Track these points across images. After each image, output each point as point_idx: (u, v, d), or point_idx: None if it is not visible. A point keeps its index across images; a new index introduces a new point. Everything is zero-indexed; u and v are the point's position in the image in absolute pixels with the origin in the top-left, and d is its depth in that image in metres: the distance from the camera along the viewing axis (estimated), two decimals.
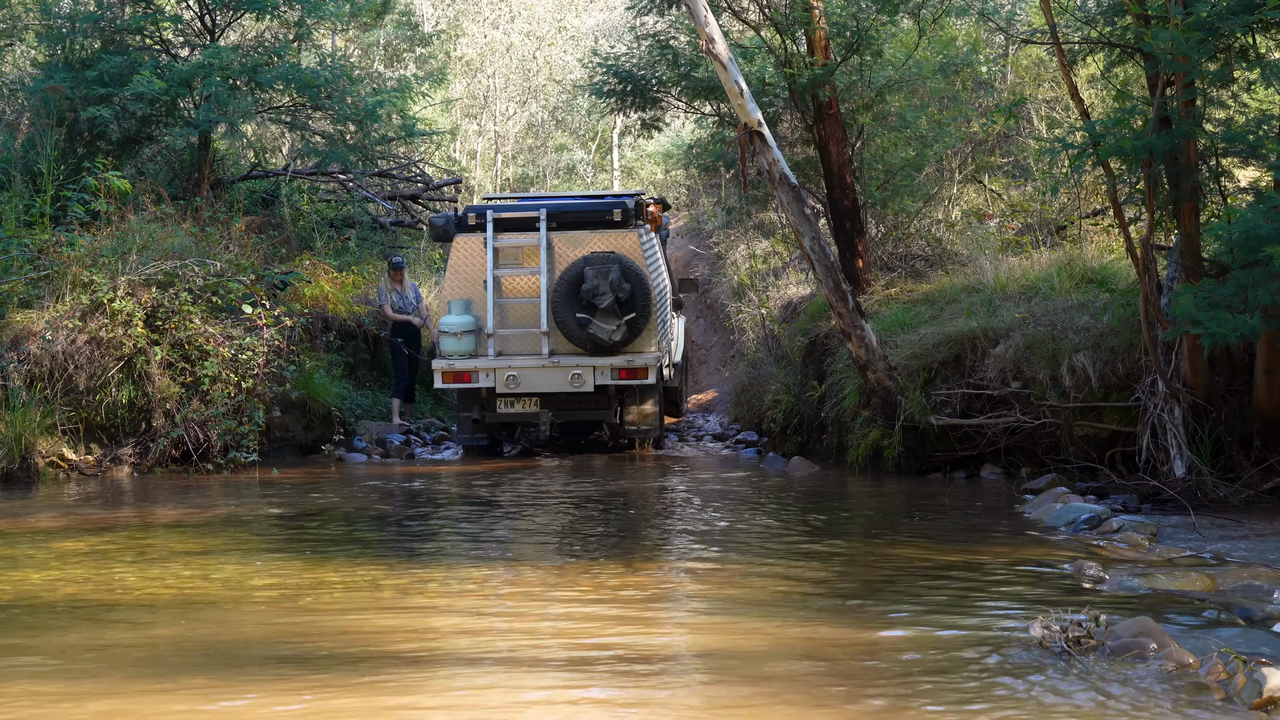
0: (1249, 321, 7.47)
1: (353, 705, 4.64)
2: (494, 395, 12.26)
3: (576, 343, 12.13)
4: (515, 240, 12.42)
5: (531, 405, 12.28)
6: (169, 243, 11.99)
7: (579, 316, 11.99)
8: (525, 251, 12.40)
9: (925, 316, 11.42)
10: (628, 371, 12.20)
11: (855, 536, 8.23)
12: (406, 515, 9.37)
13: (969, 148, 16.01)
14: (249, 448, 11.41)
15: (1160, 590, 6.24)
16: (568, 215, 12.50)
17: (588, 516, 9.02)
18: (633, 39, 15.05)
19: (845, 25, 13.07)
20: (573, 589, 6.50)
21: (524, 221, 12.44)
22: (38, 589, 6.48)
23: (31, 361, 10.94)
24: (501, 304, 12.37)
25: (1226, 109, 9.40)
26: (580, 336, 12.04)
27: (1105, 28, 10.12)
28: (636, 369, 12.21)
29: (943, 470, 10.44)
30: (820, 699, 4.65)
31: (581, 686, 4.87)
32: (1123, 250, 10.51)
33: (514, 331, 12.37)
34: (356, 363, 14.36)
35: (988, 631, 5.51)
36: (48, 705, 4.64)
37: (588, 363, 12.12)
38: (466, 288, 12.46)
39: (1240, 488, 8.59)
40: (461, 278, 12.50)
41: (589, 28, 32.39)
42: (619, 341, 12.08)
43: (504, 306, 12.40)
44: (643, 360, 12.22)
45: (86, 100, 13.91)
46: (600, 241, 12.35)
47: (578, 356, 12.17)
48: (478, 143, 29.35)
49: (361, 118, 15.57)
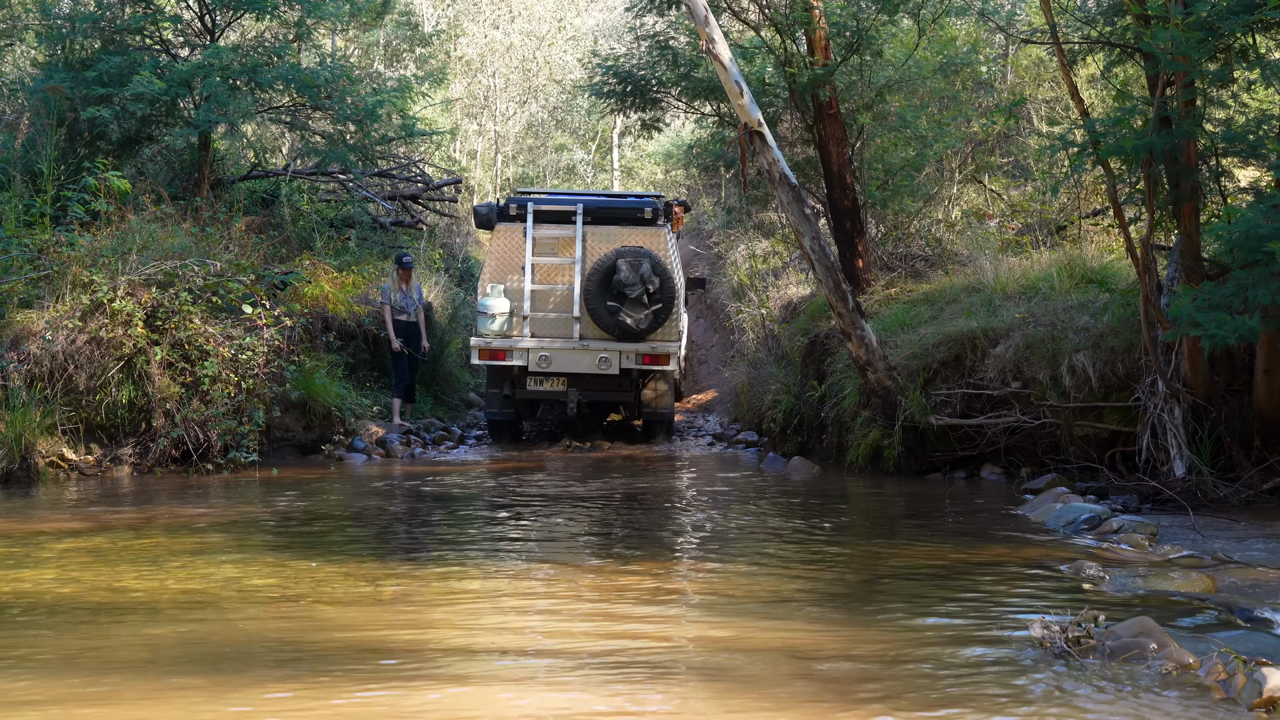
0: (1248, 322, 7.47)
1: (353, 705, 4.64)
2: (525, 373, 13.32)
3: (605, 329, 13.16)
4: (552, 231, 13.44)
5: (559, 384, 13.36)
6: (169, 243, 11.98)
7: (610, 305, 13.04)
8: (561, 242, 13.43)
9: (925, 316, 11.43)
10: (651, 357, 13.30)
11: (855, 537, 8.23)
12: (407, 516, 9.37)
13: (969, 148, 16.02)
14: (249, 448, 11.41)
15: (1160, 591, 6.23)
16: (602, 211, 13.53)
17: (586, 517, 9.02)
18: (633, 39, 15.06)
19: (845, 25, 13.07)
20: (572, 589, 6.50)
21: (562, 214, 13.47)
22: (37, 589, 6.47)
23: (31, 361, 10.94)
24: (537, 290, 13.36)
25: (1226, 109, 9.41)
26: (610, 323, 13.09)
27: (1105, 28, 10.12)
28: (659, 355, 13.30)
29: (943, 470, 10.44)
30: (818, 700, 4.65)
31: (580, 688, 4.87)
32: (1123, 250, 10.52)
33: (547, 315, 13.41)
34: (356, 363, 14.35)
35: (987, 632, 5.51)
36: (48, 705, 4.63)
37: (615, 347, 13.22)
38: (505, 272, 13.48)
39: (1240, 488, 8.59)
40: (501, 263, 13.52)
41: (589, 28, 32.38)
42: (645, 330, 13.14)
43: (539, 292, 13.39)
44: (665, 348, 13.28)
45: (86, 100, 13.90)
46: (631, 237, 13.37)
47: (605, 341, 13.24)
48: (478, 143, 29.33)
49: (361, 118, 15.57)
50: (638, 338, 13.18)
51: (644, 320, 13.08)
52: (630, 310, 13.03)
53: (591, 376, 13.31)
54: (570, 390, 13.32)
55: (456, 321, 16.55)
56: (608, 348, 13.21)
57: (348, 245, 16.20)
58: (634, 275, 12.96)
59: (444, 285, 17.14)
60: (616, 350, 13.22)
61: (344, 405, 13.01)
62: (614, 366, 13.25)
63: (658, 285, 13.02)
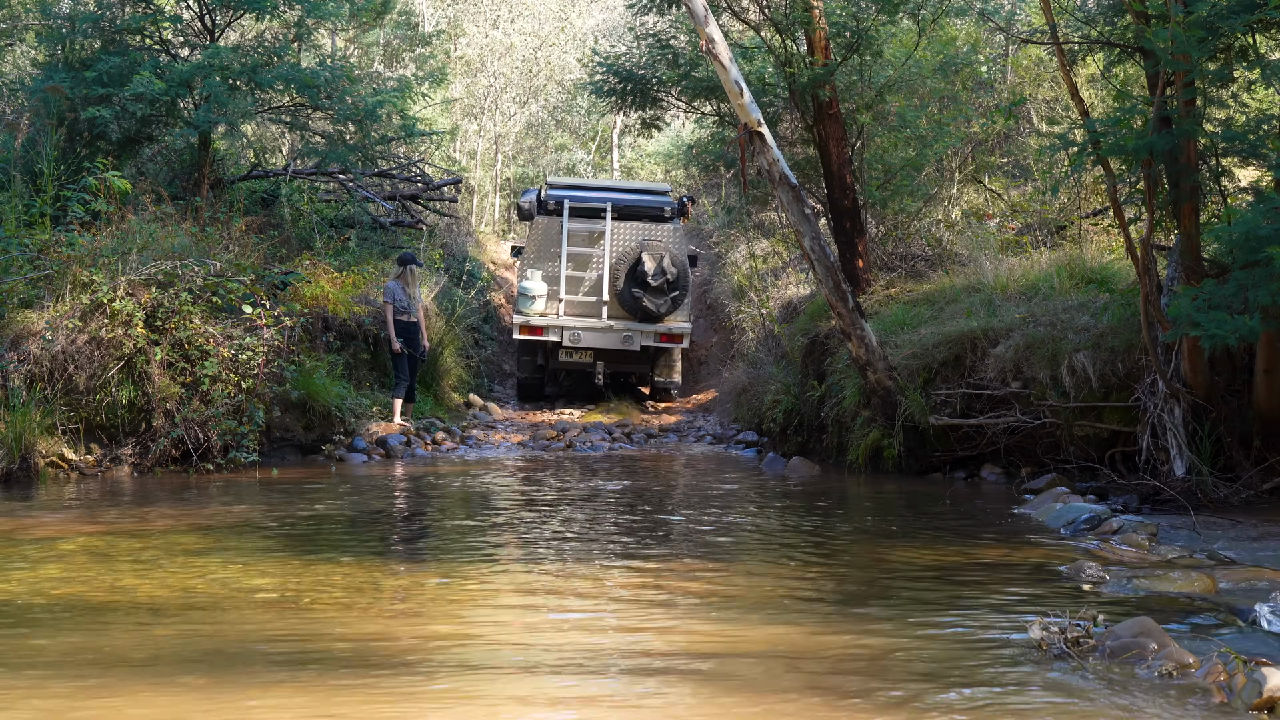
0: (1249, 323, 7.47)
1: (353, 706, 4.64)
2: (558, 347, 15.83)
3: (629, 311, 15.66)
4: (585, 225, 15.95)
5: (586, 357, 15.92)
6: (169, 243, 11.98)
7: (634, 292, 15.48)
8: (593, 235, 15.98)
9: (925, 316, 11.42)
10: (668, 336, 15.82)
11: (855, 537, 8.23)
12: (407, 515, 9.37)
13: (969, 148, 16.02)
14: (249, 448, 11.40)
15: (1160, 591, 6.23)
16: (628, 209, 16.06)
17: (587, 517, 9.01)
18: (633, 39, 15.07)
19: (845, 25, 13.07)
20: (571, 590, 6.50)
21: (593, 210, 16.01)
22: (37, 589, 6.47)
23: (31, 361, 10.93)
24: (571, 276, 15.87)
25: (1226, 109, 9.40)
26: (633, 307, 15.57)
27: (1105, 27, 10.12)
28: (674, 335, 15.84)
29: (943, 470, 10.43)
30: (817, 700, 4.65)
31: (581, 688, 4.87)
32: (1123, 250, 10.51)
33: (578, 298, 15.92)
34: (356, 363, 14.34)
35: (987, 632, 5.51)
36: (47, 706, 4.63)
37: (637, 328, 15.73)
38: (542, 260, 15.91)
39: (1240, 488, 8.59)
40: (539, 251, 15.96)
41: (589, 28, 32.38)
42: (664, 313, 15.61)
43: (572, 278, 15.90)
44: (679, 328, 15.85)
45: (86, 100, 13.90)
46: (650, 232, 15.87)
47: (628, 322, 15.74)
48: (478, 143, 29.33)
49: (361, 118, 15.57)
50: (657, 320, 15.58)
51: (663, 305, 15.50)
52: (652, 297, 15.43)
53: (615, 352, 15.78)
54: (597, 363, 15.80)
55: (455, 322, 16.53)
56: (630, 328, 15.65)
57: (348, 245, 16.19)
58: (656, 267, 15.34)
59: (444, 285, 17.12)
60: (639, 330, 15.67)
61: (344, 405, 13.00)
62: (636, 344, 15.70)
63: (675, 275, 15.40)
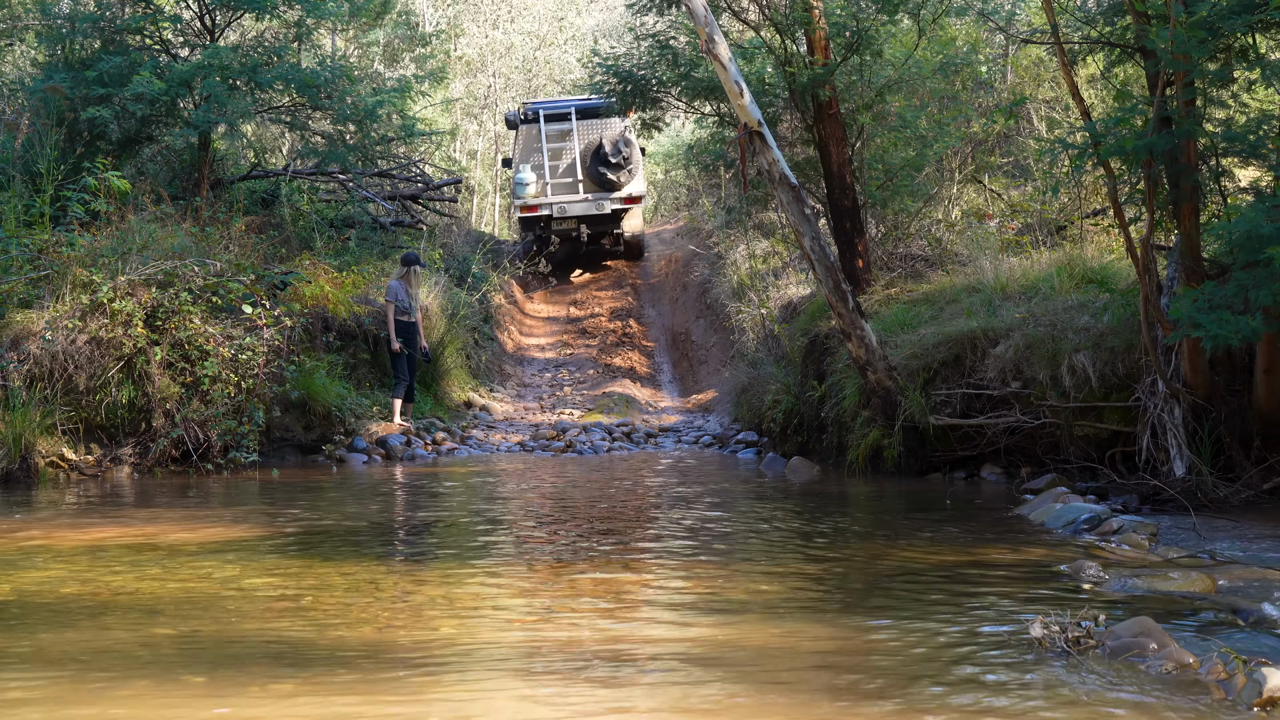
0: (1251, 323, 7.46)
1: (354, 705, 4.64)
2: (550, 219, 21.58)
3: (598, 184, 21.51)
4: (557, 127, 21.77)
5: (572, 223, 21.70)
6: (169, 243, 11.98)
7: (599, 169, 21.51)
8: (563, 133, 21.72)
9: (925, 316, 11.41)
10: (628, 199, 21.89)
11: (854, 537, 8.22)
12: (407, 516, 9.37)
13: (969, 148, 16.02)
14: (249, 448, 11.41)
15: (1160, 591, 6.23)
16: (587, 110, 21.33)
17: (587, 518, 9.01)
18: (633, 39, 15.05)
19: (845, 25, 13.06)
20: (573, 589, 6.50)
21: (562, 115, 21.83)
22: (37, 589, 6.47)
23: (31, 361, 10.94)
24: (551, 165, 21.60)
25: (1227, 109, 9.39)
26: (600, 180, 21.50)
27: (1105, 28, 10.11)
28: (634, 198, 22.02)
29: (943, 470, 10.43)
30: (817, 700, 4.65)
31: (582, 688, 4.87)
32: (1123, 250, 10.51)
33: (559, 181, 21.65)
34: (356, 363, 14.34)
35: (987, 632, 5.51)
36: (47, 706, 4.63)
37: (605, 196, 21.59)
38: (529, 156, 21.70)
39: (1240, 488, 8.58)
40: (526, 151, 21.79)
41: (589, 28, 32.37)
42: (623, 182, 21.56)
43: (553, 167, 21.62)
44: (636, 192, 21.99)
45: (86, 100, 13.91)
46: (606, 126, 21.46)
47: (598, 193, 21.57)
48: (478, 143, 29.33)
49: (361, 118, 15.58)
50: (618, 188, 21.56)
51: (622, 176, 21.51)
52: (612, 172, 21.46)
53: (592, 216, 21.60)
54: (580, 226, 21.59)
55: (457, 322, 16.52)
56: (600, 197, 21.53)
57: (348, 245, 16.19)
58: (613, 148, 21.35)
59: (444, 285, 17.11)
60: (606, 197, 21.56)
61: (344, 405, 13.01)
62: (606, 209, 21.57)
63: (628, 154, 21.43)
